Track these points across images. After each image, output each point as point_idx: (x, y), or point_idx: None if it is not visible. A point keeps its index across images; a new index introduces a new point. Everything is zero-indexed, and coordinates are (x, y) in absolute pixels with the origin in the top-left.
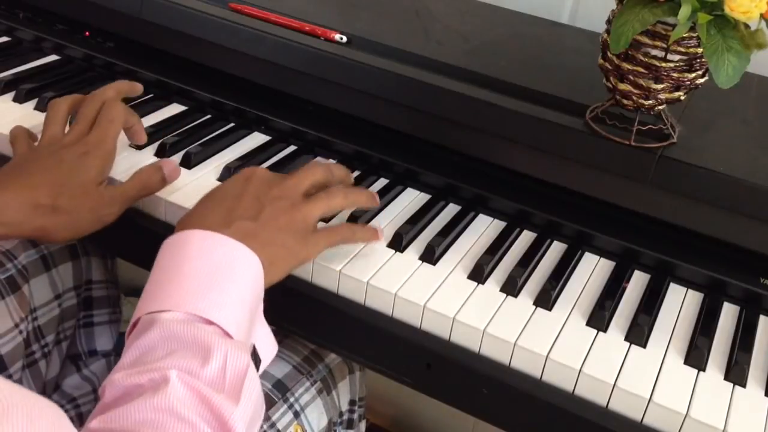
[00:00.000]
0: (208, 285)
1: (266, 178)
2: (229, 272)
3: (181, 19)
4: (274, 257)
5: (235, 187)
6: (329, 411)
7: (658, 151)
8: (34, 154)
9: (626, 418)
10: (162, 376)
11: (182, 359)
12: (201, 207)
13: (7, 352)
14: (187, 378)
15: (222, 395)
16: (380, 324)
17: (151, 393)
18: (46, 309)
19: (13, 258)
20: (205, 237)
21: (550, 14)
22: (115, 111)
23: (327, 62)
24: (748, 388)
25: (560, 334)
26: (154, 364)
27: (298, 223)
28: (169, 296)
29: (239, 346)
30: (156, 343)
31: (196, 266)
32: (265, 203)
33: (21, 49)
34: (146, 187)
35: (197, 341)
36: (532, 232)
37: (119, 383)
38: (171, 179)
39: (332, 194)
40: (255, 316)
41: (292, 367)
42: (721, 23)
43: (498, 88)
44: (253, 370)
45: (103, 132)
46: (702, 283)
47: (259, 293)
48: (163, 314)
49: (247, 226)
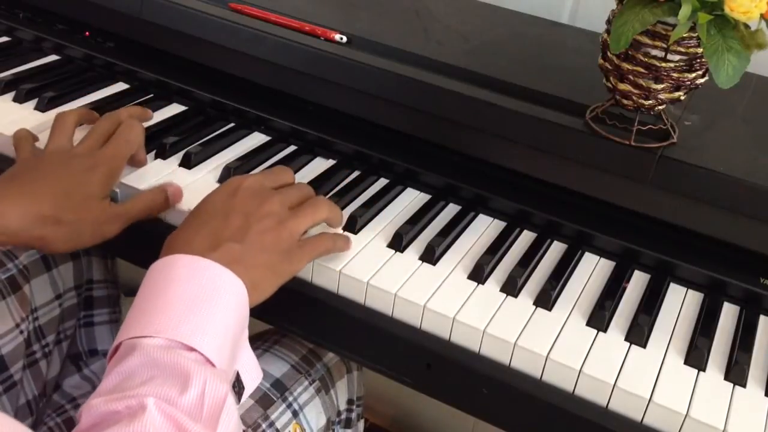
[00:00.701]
0: (191, 311)
1: (254, 191)
2: (213, 298)
3: (181, 19)
4: (259, 279)
5: (222, 202)
6: (328, 410)
7: (658, 151)
8: (39, 162)
9: (626, 418)
10: (139, 404)
11: (161, 387)
12: (188, 227)
13: (7, 352)
14: (164, 406)
15: (199, 425)
16: (380, 324)
17: (127, 420)
18: (47, 309)
19: (13, 258)
20: (191, 262)
21: (550, 14)
22: (134, 133)
23: (327, 62)
24: (748, 388)
25: (560, 334)
26: (133, 391)
27: (284, 240)
28: (151, 322)
29: (219, 374)
30: (136, 370)
31: (180, 292)
32: (252, 222)
33: (21, 49)
34: (150, 208)
35: (176, 369)
36: (532, 232)
37: (96, 409)
38: (174, 202)
39: (318, 207)
40: (239, 343)
41: (291, 366)
42: (721, 23)
43: (498, 88)
44: (231, 400)
45: (117, 150)
46: (702, 283)
47: (243, 319)
48: (144, 340)
49: (234, 250)
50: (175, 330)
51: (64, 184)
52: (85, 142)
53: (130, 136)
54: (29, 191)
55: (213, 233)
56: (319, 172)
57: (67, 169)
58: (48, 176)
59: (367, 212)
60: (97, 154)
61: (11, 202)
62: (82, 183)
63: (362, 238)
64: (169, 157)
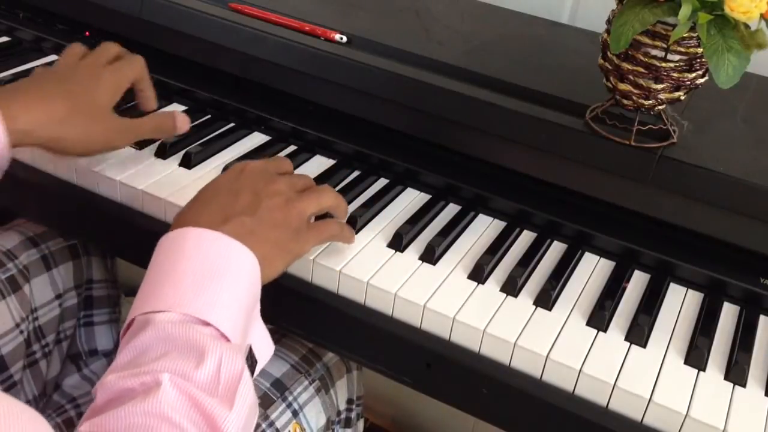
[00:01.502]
0: (203, 285)
1: (260, 170)
2: (226, 271)
3: (181, 19)
4: (269, 254)
5: (231, 180)
6: (327, 410)
7: (658, 151)
8: (48, 71)
9: (626, 418)
10: (154, 380)
11: (176, 362)
12: (197, 202)
13: (8, 352)
14: (179, 381)
15: (215, 399)
16: (380, 324)
17: (142, 397)
18: (47, 309)
19: (13, 258)
20: (201, 235)
21: (550, 14)
22: (137, 61)
23: (327, 62)
24: (748, 388)
25: (560, 334)
26: (147, 367)
27: (293, 219)
28: (164, 296)
29: (234, 349)
30: (150, 345)
31: (192, 265)
32: (262, 197)
33: (21, 49)
34: (158, 127)
35: (191, 343)
36: (532, 232)
37: (111, 386)
38: (181, 129)
39: (323, 192)
40: (251, 316)
41: (290, 366)
42: (721, 23)
43: (498, 88)
44: (247, 374)
45: (119, 67)
46: (702, 283)
47: (255, 292)
48: (158, 315)
49: (245, 222)
50: (188, 304)
51: (71, 86)
52: (92, 54)
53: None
54: (39, 95)
55: (223, 208)
56: (319, 172)
57: (74, 76)
58: (57, 81)
59: (367, 212)
60: (103, 67)
61: (22, 105)
62: (89, 88)
63: (362, 238)
64: (169, 157)
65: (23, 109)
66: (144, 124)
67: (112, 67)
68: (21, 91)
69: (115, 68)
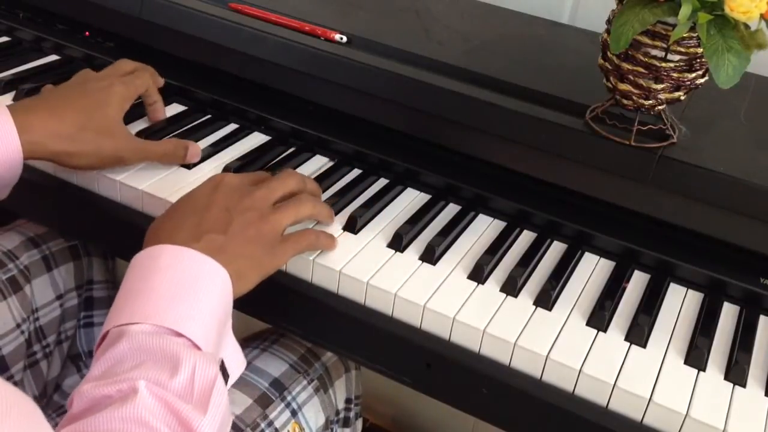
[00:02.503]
0: (177, 298)
1: (235, 186)
2: (198, 286)
3: (181, 19)
4: (242, 269)
5: (204, 196)
6: (326, 409)
7: (658, 151)
8: (63, 86)
9: (626, 418)
10: (130, 387)
11: (151, 370)
12: (170, 219)
13: (8, 353)
14: (155, 389)
15: (190, 405)
16: (380, 324)
17: (119, 403)
18: (48, 309)
19: (14, 258)
20: (174, 252)
21: (550, 14)
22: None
23: (327, 62)
24: (748, 388)
25: (560, 334)
26: (123, 375)
27: (266, 234)
28: (138, 309)
29: (208, 357)
30: (125, 355)
31: (165, 280)
32: (234, 215)
33: (21, 49)
34: (167, 155)
35: (166, 353)
36: (532, 232)
37: (87, 394)
38: (190, 159)
39: (301, 203)
40: (223, 330)
41: (289, 365)
42: (721, 23)
43: (498, 88)
44: (221, 380)
45: (130, 80)
46: (702, 283)
47: (227, 307)
48: (132, 326)
49: (216, 240)
50: (162, 316)
51: (83, 101)
52: (105, 70)
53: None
54: (53, 109)
55: (195, 225)
56: (319, 172)
57: (86, 90)
58: (69, 96)
59: (367, 212)
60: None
61: (37, 117)
62: (100, 103)
63: (362, 238)
64: None
65: (38, 123)
66: (156, 148)
67: (123, 80)
68: (36, 106)
69: (125, 81)
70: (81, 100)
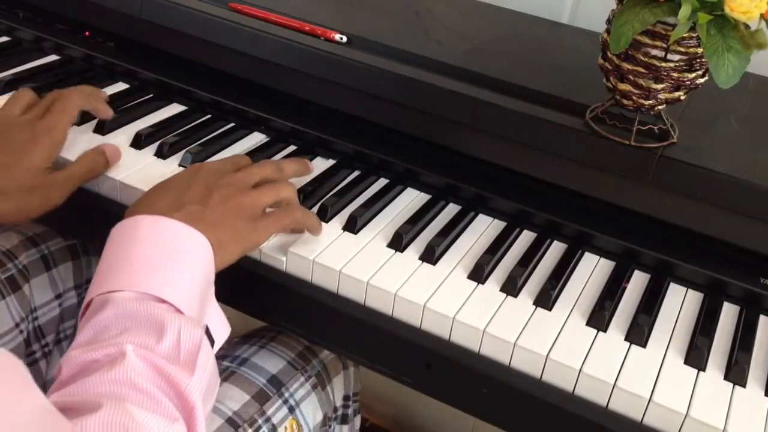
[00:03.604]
0: (158, 265)
1: (215, 169)
2: (179, 253)
3: (181, 19)
4: (223, 239)
5: (184, 177)
6: (324, 406)
7: (658, 151)
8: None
9: (626, 418)
10: (118, 351)
11: (137, 335)
12: (149, 195)
13: None
14: (143, 352)
15: (177, 367)
16: (380, 324)
17: (108, 367)
18: (47, 309)
19: (13, 258)
20: (154, 221)
21: (550, 14)
22: (69, 102)
23: (327, 62)
24: (748, 388)
25: (560, 334)
26: (110, 341)
27: (246, 207)
28: (121, 277)
29: (192, 321)
30: (110, 322)
31: (146, 248)
32: (214, 189)
33: (21, 49)
34: (92, 170)
35: (151, 318)
36: (532, 232)
37: (75, 359)
38: (113, 162)
39: (281, 186)
40: (206, 297)
41: (287, 362)
42: (721, 23)
43: (498, 88)
44: (206, 343)
45: (54, 119)
46: (702, 283)
47: (209, 274)
48: (115, 294)
49: (196, 210)
50: (145, 283)
51: (4, 156)
52: (28, 114)
53: (64, 105)
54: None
55: (175, 198)
56: (319, 172)
57: (6, 143)
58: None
59: (367, 212)
60: (37, 125)
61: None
62: (22, 154)
63: (362, 238)
64: (169, 157)
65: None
66: (76, 172)
67: (47, 124)
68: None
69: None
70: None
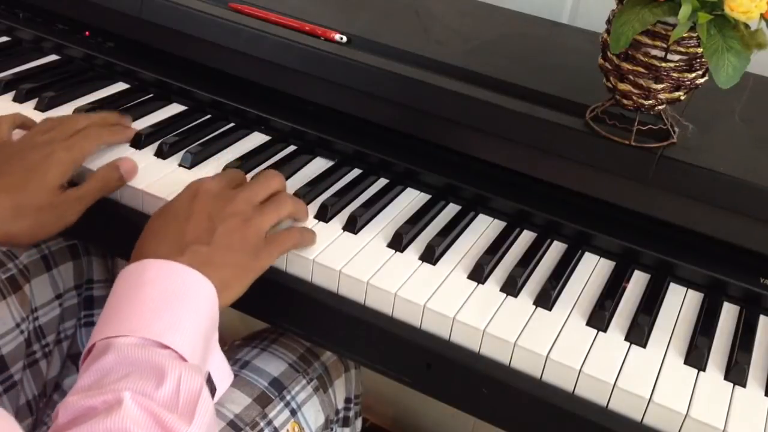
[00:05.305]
0: (162, 311)
1: (215, 193)
2: (184, 298)
3: (181, 19)
4: (228, 279)
5: (184, 206)
6: (326, 409)
7: (658, 151)
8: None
9: (626, 418)
10: (116, 398)
11: (137, 381)
12: (154, 233)
13: (8, 352)
14: (140, 399)
15: (175, 415)
16: (380, 324)
17: (104, 414)
18: (47, 308)
19: (14, 258)
20: (160, 266)
21: (550, 14)
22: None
23: (327, 62)
24: (748, 388)
25: (560, 334)
26: (109, 387)
27: (250, 239)
28: (124, 322)
29: (193, 368)
30: (111, 368)
31: (150, 293)
32: (217, 223)
33: (21, 49)
34: (105, 187)
35: (152, 364)
36: (532, 232)
37: (73, 406)
38: (129, 177)
39: (282, 203)
40: (210, 343)
41: (288, 365)
42: (721, 23)
43: (498, 88)
44: (206, 391)
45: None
46: (702, 283)
47: (213, 318)
48: (118, 339)
49: (201, 251)
50: (148, 329)
51: (19, 175)
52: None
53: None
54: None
55: (179, 237)
56: (319, 172)
57: (23, 161)
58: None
59: (367, 212)
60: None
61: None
62: (36, 173)
63: (362, 238)
64: (169, 157)
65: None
66: (90, 189)
67: (67, 144)
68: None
69: (69, 145)
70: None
